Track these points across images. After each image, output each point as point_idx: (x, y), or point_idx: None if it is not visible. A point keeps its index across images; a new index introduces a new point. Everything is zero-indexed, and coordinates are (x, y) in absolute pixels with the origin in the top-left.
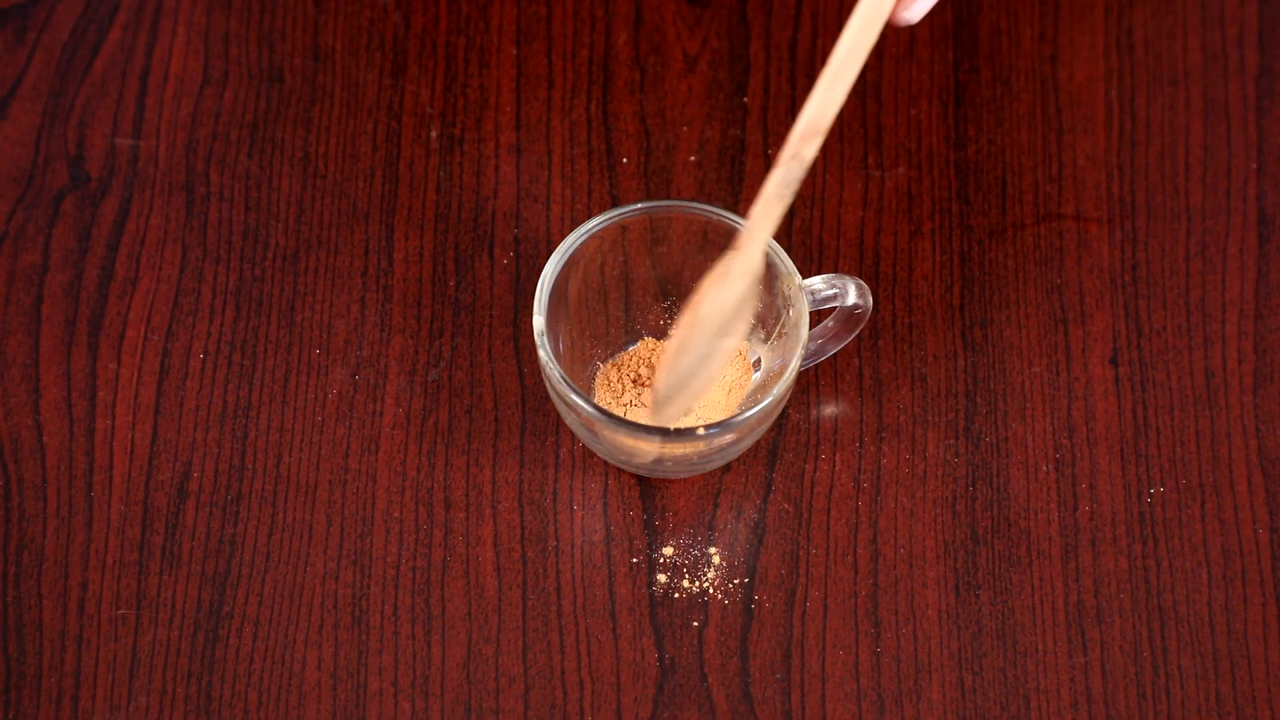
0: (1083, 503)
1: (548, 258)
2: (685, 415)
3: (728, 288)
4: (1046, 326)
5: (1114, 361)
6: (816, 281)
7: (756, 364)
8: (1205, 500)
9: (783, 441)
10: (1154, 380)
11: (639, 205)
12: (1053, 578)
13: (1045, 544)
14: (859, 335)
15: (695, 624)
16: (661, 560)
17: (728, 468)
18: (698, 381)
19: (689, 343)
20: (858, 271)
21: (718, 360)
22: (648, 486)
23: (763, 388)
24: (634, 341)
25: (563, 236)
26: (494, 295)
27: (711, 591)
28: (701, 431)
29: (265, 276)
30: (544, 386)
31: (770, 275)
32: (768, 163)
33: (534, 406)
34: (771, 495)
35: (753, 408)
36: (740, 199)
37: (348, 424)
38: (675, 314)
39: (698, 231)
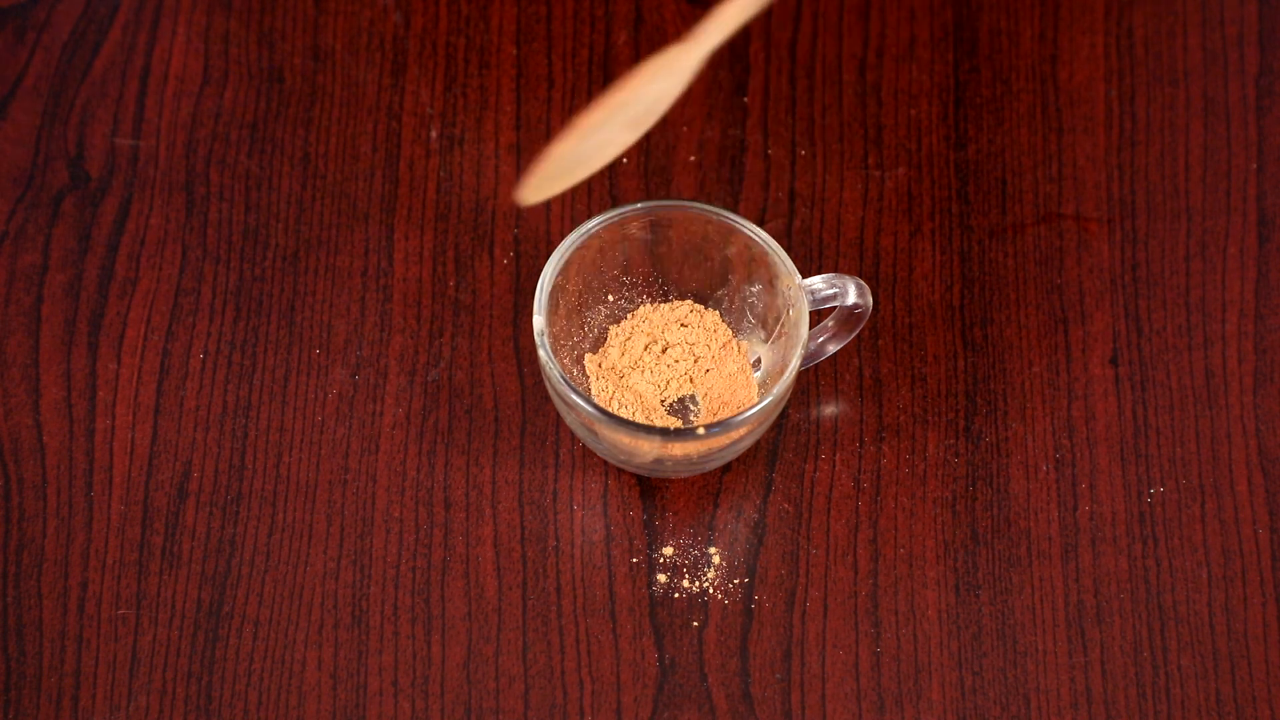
0: (1083, 503)
1: (548, 258)
2: (552, 194)
3: (654, 81)
4: (1046, 326)
5: (1114, 361)
6: (816, 281)
7: (756, 364)
8: (1205, 500)
9: (783, 441)
10: (1154, 380)
11: (639, 205)
12: (1053, 578)
13: (1045, 544)
14: (859, 335)
15: (695, 624)
16: (661, 560)
17: (728, 468)
18: (585, 169)
19: (598, 124)
20: (858, 271)
21: (613, 151)
22: (648, 486)
23: (763, 387)
24: None
25: (563, 236)
26: (494, 295)
27: (711, 591)
28: (701, 431)
29: (265, 276)
30: (544, 386)
31: (770, 275)
32: (768, 163)
33: (534, 406)
34: (771, 495)
35: (752, 407)
36: (740, 199)
37: (348, 424)
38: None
39: (698, 231)
